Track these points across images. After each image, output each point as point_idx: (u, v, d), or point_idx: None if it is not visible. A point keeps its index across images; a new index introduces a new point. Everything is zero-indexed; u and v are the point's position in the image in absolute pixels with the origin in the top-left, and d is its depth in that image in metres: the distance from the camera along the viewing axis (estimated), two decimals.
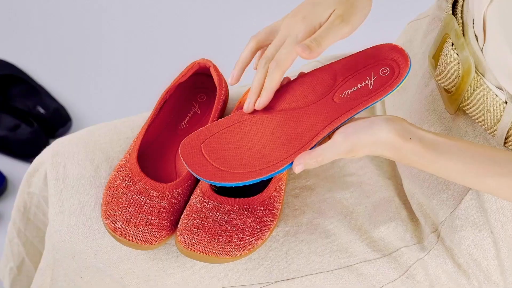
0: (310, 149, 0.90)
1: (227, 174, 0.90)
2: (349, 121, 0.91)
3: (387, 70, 0.96)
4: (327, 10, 0.94)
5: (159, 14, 2.11)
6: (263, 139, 0.93)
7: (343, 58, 0.99)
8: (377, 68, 0.96)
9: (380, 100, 0.93)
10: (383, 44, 0.98)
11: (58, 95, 1.92)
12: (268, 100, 0.95)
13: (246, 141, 0.93)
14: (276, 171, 0.90)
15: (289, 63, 0.93)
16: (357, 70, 0.97)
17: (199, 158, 0.92)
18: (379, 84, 0.95)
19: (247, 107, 0.96)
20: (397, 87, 0.93)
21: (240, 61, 0.99)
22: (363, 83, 0.95)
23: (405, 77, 0.93)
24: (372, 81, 0.95)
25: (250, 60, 1.00)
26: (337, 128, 0.91)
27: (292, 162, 0.89)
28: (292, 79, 0.99)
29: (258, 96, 0.95)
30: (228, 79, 1.00)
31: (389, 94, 0.93)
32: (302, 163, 0.88)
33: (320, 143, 0.91)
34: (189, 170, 0.91)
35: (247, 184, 0.90)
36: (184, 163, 0.92)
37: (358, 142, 0.87)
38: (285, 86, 0.97)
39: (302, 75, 0.98)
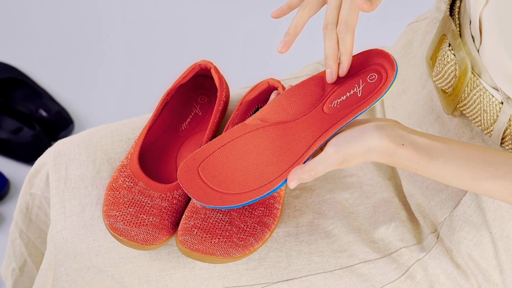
0: (304, 162, 0.90)
1: (226, 196, 0.91)
2: (340, 131, 0.91)
3: (375, 76, 0.95)
4: None
5: (159, 16, 2.11)
6: (257, 156, 0.93)
7: None
8: (365, 74, 0.96)
9: (369, 108, 0.93)
10: (369, 50, 0.98)
11: (60, 98, 1.92)
12: (349, 64, 0.95)
13: (241, 159, 0.93)
14: (273, 188, 0.90)
15: (355, 21, 0.93)
16: (345, 78, 0.97)
17: (197, 182, 0.92)
18: (368, 91, 0.94)
19: (331, 77, 0.95)
20: (385, 93, 0.93)
21: (293, 25, 0.96)
22: (352, 91, 0.95)
23: (392, 83, 0.93)
24: (360, 88, 0.95)
25: (305, 23, 0.97)
26: (329, 139, 0.90)
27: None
28: (292, 82, 0.99)
29: (338, 63, 0.95)
30: (278, 48, 0.96)
31: (377, 100, 0.93)
32: (296, 178, 0.88)
33: (314, 155, 0.91)
34: (189, 195, 0.92)
35: (246, 205, 0.91)
36: (183, 188, 0.93)
37: (350, 152, 0.87)
38: (275, 100, 0.97)
39: (291, 87, 0.98)
